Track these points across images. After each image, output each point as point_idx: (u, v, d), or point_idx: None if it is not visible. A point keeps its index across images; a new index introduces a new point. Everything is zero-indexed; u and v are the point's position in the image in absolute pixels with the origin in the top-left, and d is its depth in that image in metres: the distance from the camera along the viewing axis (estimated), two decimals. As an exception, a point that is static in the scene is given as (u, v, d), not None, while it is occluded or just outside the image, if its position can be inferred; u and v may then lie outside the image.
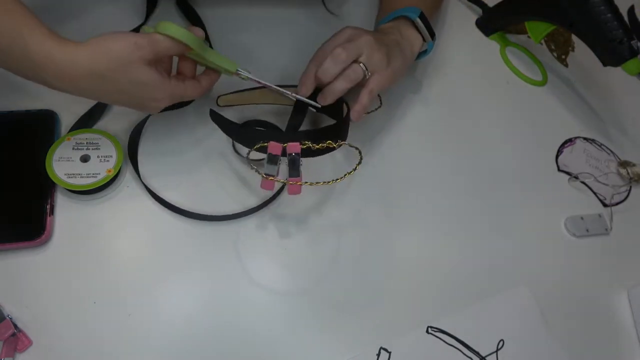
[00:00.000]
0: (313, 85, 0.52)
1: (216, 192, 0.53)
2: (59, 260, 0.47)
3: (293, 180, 0.47)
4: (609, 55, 0.60)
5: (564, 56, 0.73)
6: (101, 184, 0.49)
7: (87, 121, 0.54)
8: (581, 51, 0.66)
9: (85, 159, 0.50)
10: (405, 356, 0.49)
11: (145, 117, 0.54)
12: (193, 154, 0.55)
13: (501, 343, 0.51)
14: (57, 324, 0.45)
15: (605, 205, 0.63)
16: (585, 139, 0.67)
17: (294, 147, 0.46)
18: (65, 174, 0.49)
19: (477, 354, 0.50)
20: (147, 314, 0.46)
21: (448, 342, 0.50)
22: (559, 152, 0.66)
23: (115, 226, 0.50)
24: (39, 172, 0.49)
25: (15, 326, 0.43)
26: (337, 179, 0.47)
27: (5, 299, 0.45)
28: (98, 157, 0.50)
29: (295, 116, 0.52)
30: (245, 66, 0.50)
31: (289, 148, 0.46)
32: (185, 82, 0.48)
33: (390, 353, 0.48)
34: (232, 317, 0.48)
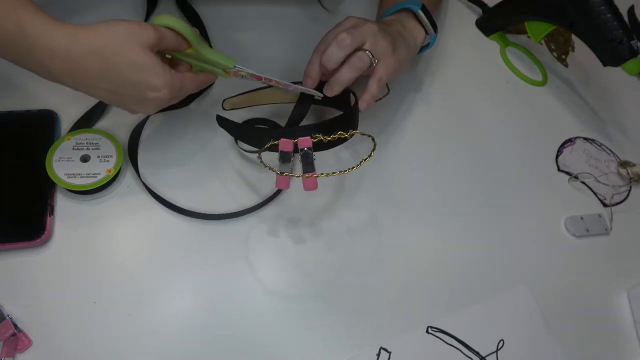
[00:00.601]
0: (318, 75, 0.51)
1: (216, 191, 0.53)
2: (59, 260, 0.47)
3: (308, 175, 0.45)
4: (609, 55, 0.60)
5: (564, 56, 0.73)
6: (101, 184, 0.49)
7: (87, 121, 0.54)
8: (581, 51, 0.66)
9: (85, 159, 0.50)
10: (405, 356, 0.49)
11: (145, 117, 0.54)
12: (193, 153, 0.55)
13: (501, 343, 0.51)
14: (57, 324, 0.45)
15: (605, 205, 0.63)
16: (585, 139, 0.67)
17: (305, 142, 0.46)
18: (65, 174, 0.49)
19: (477, 354, 0.50)
20: (147, 314, 0.46)
21: (448, 342, 0.50)
22: (559, 152, 0.66)
23: (115, 226, 0.50)
24: (39, 172, 0.49)
25: (15, 326, 0.43)
26: (352, 167, 0.46)
27: (5, 299, 0.45)
28: (98, 157, 0.50)
29: (300, 107, 0.51)
30: (243, 64, 0.49)
31: (300, 143, 0.46)
32: (184, 74, 0.46)
33: (390, 353, 0.48)
34: (232, 316, 0.48)
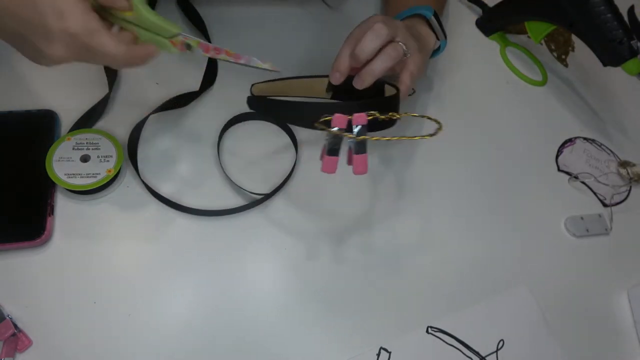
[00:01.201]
0: (347, 69, 0.48)
1: (217, 190, 0.53)
2: (59, 260, 0.47)
3: (360, 157, 0.41)
4: (609, 55, 0.60)
5: (564, 56, 0.73)
6: (101, 184, 0.49)
7: (86, 121, 0.54)
8: (581, 51, 0.66)
9: (85, 159, 0.50)
10: (405, 356, 0.49)
11: (145, 117, 0.54)
12: (192, 152, 0.55)
13: (501, 343, 0.51)
14: (57, 324, 0.45)
15: (605, 205, 0.63)
16: (585, 139, 0.67)
17: (360, 119, 0.41)
18: (65, 174, 0.49)
19: (477, 354, 0.50)
20: (147, 314, 0.46)
21: (448, 342, 0.50)
22: (559, 152, 0.66)
23: (115, 226, 0.50)
24: (39, 172, 0.49)
25: (15, 326, 0.43)
26: (416, 136, 0.44)
27: (5, 299, 0.45)
28: (98, 157, 0.50)
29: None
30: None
31: (355, 119, 0.41)
32: (109, 31, 0.38)
33: (390, 353, 0.48)
34: (232, 316, 0.48)
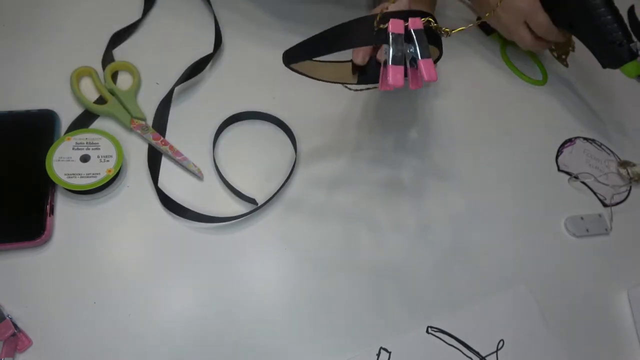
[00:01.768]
0: (370, 47, 0.47)
1: (218, 194, 0.53)
2: (59, 260, 0.47)
3: (427, 62, 0.39)
4: (608, 57, 0.60)
5: (564, 56, 0.73)
6: (101, 184, 0.49)
7: (85, 120, 0.54)
8: (581, 51, 0.66)
9: (85, 159, 0.50)
10: (405, 356, 0.49)
11: (171, 89, 0.53)
12: (190, 153, 0.55)
13: (501, 343, 0.51)
14: (57, 324, 0.45)
15: (605, 205, 0.63)
16: (585, 139, 0.67)
17: (416, 23, 0.40)
18: (65, 174, 0.49)
19: (477, 354, 0.50)
20: (147, 314, 0.46)
21: (448, 342, 0.50)
22: (559, 152, 0.66)
23: (115, 226, 0.50)
24: (39, 172, 0.49)
25: (15, 326, 0.43)
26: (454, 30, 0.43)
27: (5, 299, 0.45)
28: (98, 157, 0.50)
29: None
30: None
31: (412, 24, 0.40)
32: None
33: (390, 353, 0.48)
34: (232, 316, 0.48)
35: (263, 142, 0.58)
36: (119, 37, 0.60)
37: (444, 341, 0.50)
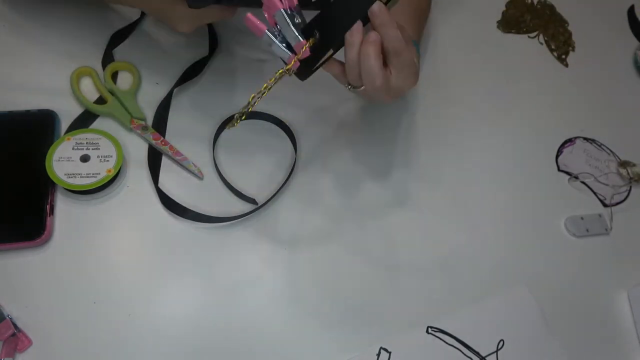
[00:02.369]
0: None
1: (218, 194, 0.53)
2: (59, 260, 0.47)
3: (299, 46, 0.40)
4: None
5: (564, 56, 0.73)
6: (101, 184, 0.49)
7: (85, 120, 0.54)
8: (581, 51, 0.66)
9: (85, 159, 0.50)
10: (405, 356, 0.49)
11: (170, 91, 0.53)
12: (189, 154, 0.55)
13: (501, 343, 0.51)
14: (57, 324, 0.45)
15: (605, 205, 0.63)
16: (585, 139, 0.67)
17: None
18: (65, 174, 0.49)
19: (477, 354, 0.50)
20: (147, 314, 0.47)
21: (448, 342, 0.50)
22: (559, 152, 0.66)
23: (115, 226, 0.50)
24: (39, 172, 0.49)
25: (15, 326, 0.43)
26: None
27: (5, 299, 0.45)
28: (98, 157, 0.50)
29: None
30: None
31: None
32: None
33: (390, 353, 0.48)
34: (231, 316, 0.48)
35: (263, 142, 0.58)
36: (119, 37, 0.60)
37: (444, 341, 0.50)
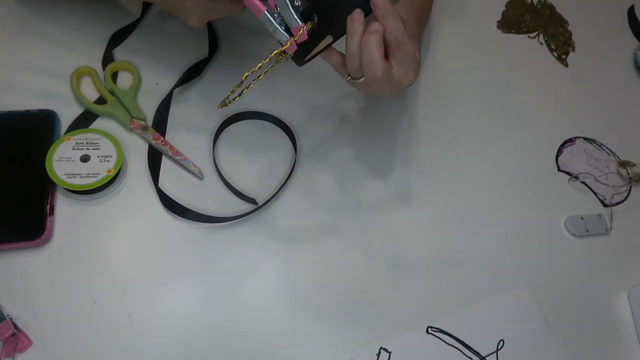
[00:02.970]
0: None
1: (218, 194, 0.53)
2: (59, 260, 0.47)
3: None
4: None
5: (564, 56, 0.73)
6: (101, 184, 0.49)
7: (85, 120, 0.54)
8: (581, 51, 0.66)
9: (85, 159, 0.50)
10: (405, 356, 0.49)
11: (170, 91, 0.54)
12: (188, 154, 0.55)
13: (501, 343, 0.51)
14: (57, 324, 0.45)
15: (605, 205, 0.63)
16: (585, 139, 0.67)
17: None
18: (65, 174, 0.49)
19: (477, 354, 0.50)
20: (147, 314, 0.47)
21: (448, 342, 0.50)
22: (559, 152, 0.66)
23: (115, 226, 0.50)
24: (39, 172, 0.49)
25: (15, 326, 0.43)
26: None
27: (5, 299, 0.45)
28: (98, 157, 0.50)
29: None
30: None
31: None
32: None
33: (390, 353, 0.48)
34: (231, 317, 0.48)
35: (263, 142, 0.58)
36: (119, 37, 0.60)
37: (444, 341, 0.50)
